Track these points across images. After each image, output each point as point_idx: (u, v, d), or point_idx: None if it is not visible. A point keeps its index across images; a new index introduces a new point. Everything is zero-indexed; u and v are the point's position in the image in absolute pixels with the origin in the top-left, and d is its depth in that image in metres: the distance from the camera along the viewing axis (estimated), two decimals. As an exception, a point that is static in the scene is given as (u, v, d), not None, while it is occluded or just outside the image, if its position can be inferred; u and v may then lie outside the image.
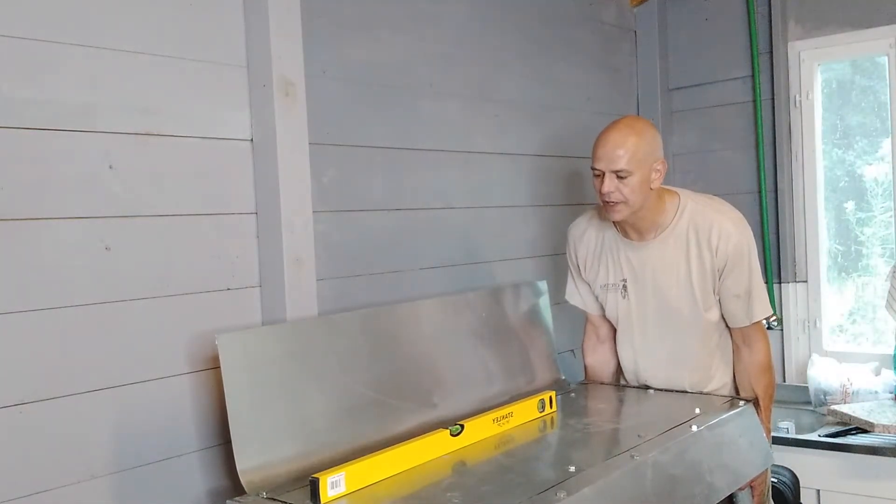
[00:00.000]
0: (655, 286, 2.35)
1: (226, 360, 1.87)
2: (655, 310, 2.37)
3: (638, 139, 2.18)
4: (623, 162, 2.17)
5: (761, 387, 2.33)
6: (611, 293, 2.45)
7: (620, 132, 2.20)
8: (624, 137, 2.18)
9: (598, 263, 2.47)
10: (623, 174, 2.17)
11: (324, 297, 2.29)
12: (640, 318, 2.41)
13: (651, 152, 2.21)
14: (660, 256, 2.32)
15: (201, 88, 2.10)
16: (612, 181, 2.19)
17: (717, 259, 2.26)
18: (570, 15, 3.36)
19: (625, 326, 2.46)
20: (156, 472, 1.99)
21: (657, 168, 2.23)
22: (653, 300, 2.36)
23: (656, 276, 2.34)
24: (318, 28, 2.34)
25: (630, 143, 2.18)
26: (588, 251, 2.49)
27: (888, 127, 3.27)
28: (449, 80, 2.79)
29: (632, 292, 2.40)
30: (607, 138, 2.21)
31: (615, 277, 2.43)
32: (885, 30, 3.20)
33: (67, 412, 1.85)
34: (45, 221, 1.82)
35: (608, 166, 2.18)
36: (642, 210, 2.25)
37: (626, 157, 2.17)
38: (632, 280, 2.39)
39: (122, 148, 1.95)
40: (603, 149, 2.20)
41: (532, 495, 1.68)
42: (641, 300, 2.38)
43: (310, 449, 1.98)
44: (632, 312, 2.41)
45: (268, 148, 2.17)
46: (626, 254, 2.39)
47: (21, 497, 1.77)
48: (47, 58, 1.83)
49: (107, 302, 1.92)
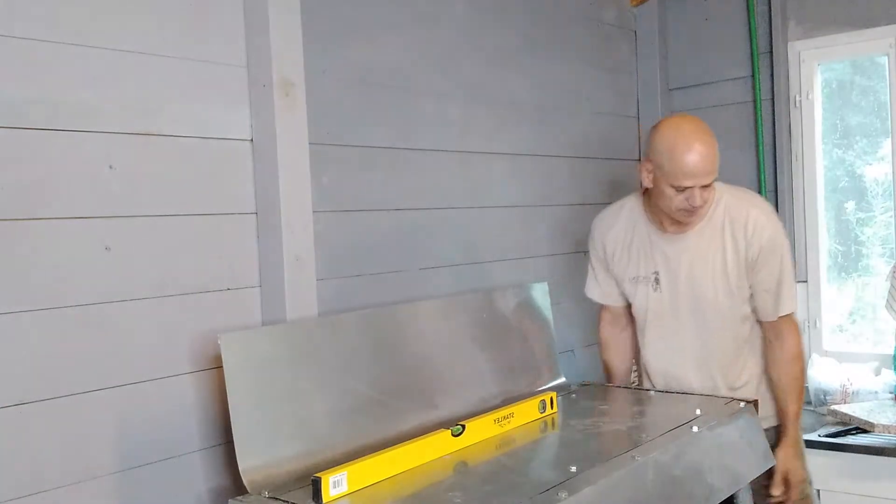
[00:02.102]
0: (690, 277, 2.32)
1: (228, 360, 1.87)
2: (689, 301, 2.34)
3: (716, 143, 2.17)
4: (713, 172, 2.16)
5: (790, 376, 2.33)
6: (641, 286, 2.41)
7: (705, 143, 2.15)
8: (710, 147, 2.15)
9: (627, 256, 2.43)
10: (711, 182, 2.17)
11: (324, 297, 2.29)
12: (672, 310, 2.37)
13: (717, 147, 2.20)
14: (696, 247, 2.30)
15: (201, 88, 2.10)
16: (702, 193, 2.17)
17: (751, 251, 2.24)
18: (570, 15, 3.36)
19: (655, 319, 2.42)
20: (157, 471, 1.99)
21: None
22: (687, 292, 2.33)
23: (692, 266, 2.31)
24: (318, 28, 2.34)
25: (715, 151, 2.16)
26: (617, 244, 2.45)
27: (888, 127, 3.27)
28: (449, 80, 2.79)
29: (665, 284, 2.36)
30: (695, 152, 2.13)
31: (646, 270, 2.39)
32: (885, 30, 3.20)
33: (67, 412, 1.85)
34: (45, 221, 1.82)
35: (701, 182, 2.15)
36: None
37: (715, 167, 2.15)
38: (665, 272, 2.36)
39: (122, 148, 1.95)
40: (694, 166, 2.13)
41: (533, 495, 1.68)
42: (675, 292, 2.35)
43: (311, 448, 1.97)
44: (664, 305, 2.38)
45: (268, 148, 2.17)
46: (660, 245, 2.36)
47: (21, 497, 1.77)
48: (47, 58, 1.82)
49: (107, 302, 1.92)
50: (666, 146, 2.17)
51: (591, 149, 3.43)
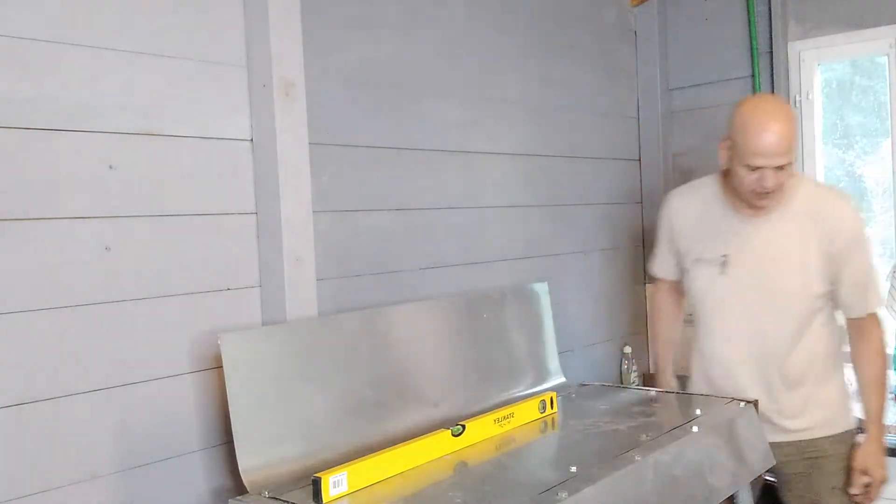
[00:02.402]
0: (763, 264, 2.24)
1: (228, 360, 1.87)
2: (758, 289, 2.25)
3: (793, 126, 2.10)
4: (789, 154, 2.08)
5: (873, 372, 2.28)
6: (703, 268, 2.33)
7: (780, 123, 2.08)
8: (786, 129, 2.08)
9: (695, 235, 2.36)
10: (784, 164, 2.09)
11: (324, 297, 2.29)
12: (737, 297, 2.28)
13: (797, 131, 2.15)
14: (773, 233, 2.23)
15: (201, 88, 2.10)
16: (774, 175, 2.10)
17: (836, 244, 2.18)
18: (570, 15, 3.36)
19: (715, 306, 2.34)
20: (157, 471, 1.99)
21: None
22: (758, 278, 2.25)
23: (767, 253, 2.24)
24: (318, 28, 2.34)
25: (791, 133, 2.08)
26: (686, 221, 2.39)
27: (888, 127, 3.27)
28: (449, 80, 2.79)
29: (733, 268, 2.27)
30: (769, 131, 2.07)
31: (713, 252, 2.31)
32: (885, 30, 3.20)
33: (67, 412, 1.84)
34: (45, 221, 1.82)
35: (772, 162, 2.08)
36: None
37: (789, 149, 2.08)
38: (736, 255, 2.27)
39: (122, 148, 1.95)
40: (767, 145, 2.07)
41: (533, 495, 1.68)
42: (743, 277, 2.27)
43: (311, 448, 1.98)
44: (728, 290, 2.29)
45: (268, 148, 2.17)
46: (734, 228, 2.28)
47: (21, 497, 1.77)
48: (47, 58, 1.82)
49: (107, 302, 1.92)
50: (741, 123, 2.13)
51: (591, 149, 3.43)
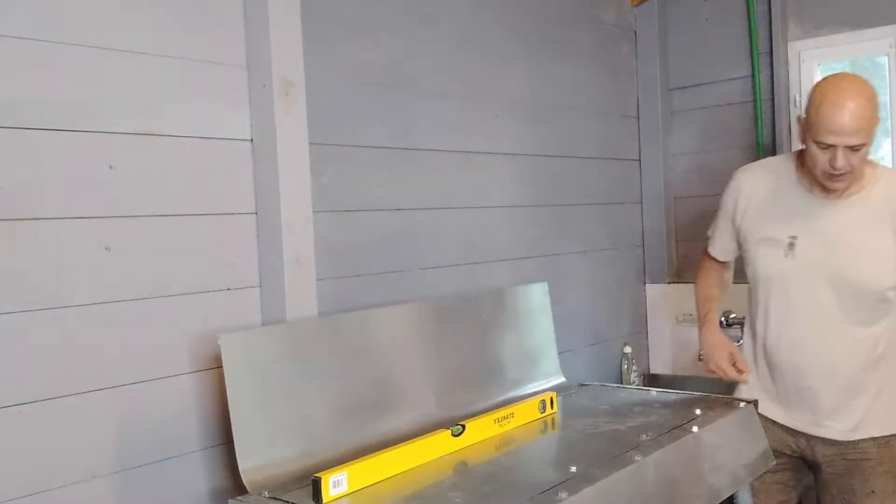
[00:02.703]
0: (834, 248, 2.14)
1: (228, 360, 1.87)
2: (826, 275, 2.15)
3: (872, 106, 2.01)
4: (861, 135, 1.99)
5: None
6: (770, 248, 2.23)
7: (856, 101, 2.00)
8: (861, 108, 1.99)
9: (762, 214, 2.27)
10: (860, 147, 2.00)
11: (324, 297, 2.29)
12: (804, 281, 2.18)
13: (878, 117, 2.04)
14: (848, 217, 2.14)
15: (201, 88, 2.10)
16: (846, 156, 2.01)
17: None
18: (570, 15, 3.36)
19: (779, 288, 2.23)
20: (157, 471, 1.99)
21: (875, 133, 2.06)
22: (826, 264, 2.15)
23: (840, 236, 2.14)
24: (318, 28, 2.34)
25: (867, 113, 2.00)
26: (754, 198, 2.30)
27: (888, 127, 3.27)
28: (449, 80, 2.79)
29: (801, 250, 2.18)
30: (843, 108, 1.99)
31: (781, 232, 2.21)
32: (885, 30, 3.20)
33: (67, 412, 1.84)
34: (45, 221, 1.82)
35: (844, 141, 1.99)
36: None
37: (864, 130, 1.99)
38: (805, 238, 2.18)
39: (122, 148, 1.95)
40: (839, 122, 1.99)
41: (533, 495, 1.68)
42: (810, 261, 2.17)
43: (311, 448, 1.98)
44: (794, 274, 2.19)
45: (268, 148, 2.17)
46: (805, 208, 2.19)
47: (21, 497, 1.77)
48: (47, 58, 1.82)
49: (107, 302, 1.92)
50: (818, 100, 2.07)
51: (591, 149, 3.43)
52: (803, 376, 2.25)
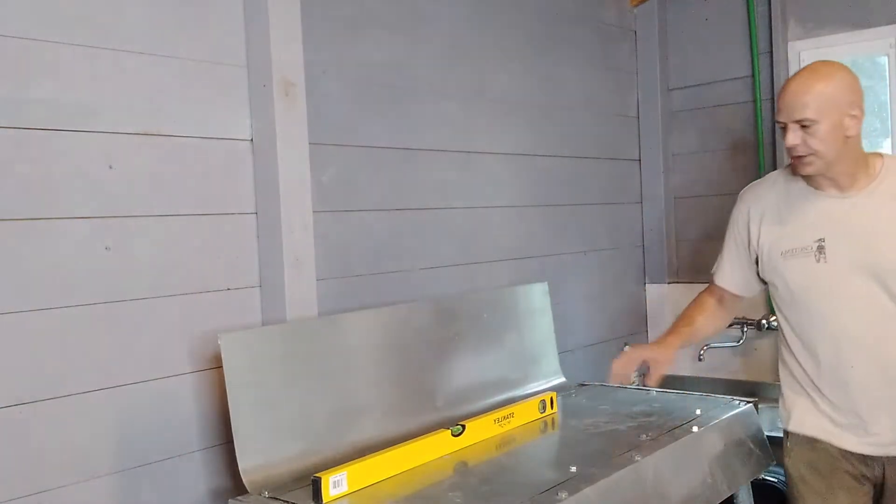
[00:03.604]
0: (866, 242, 2.01)
1: (228, 360, 1.87)
2: (868, 269, 2.01)
3: (825, 84, 1.96)
4: (806, 110, 1.94)
5: None
6: (798, 259, 2.08)
7: (803, 78, 2.00)
8: (806, 84, 1.97)
9: (780, 227, 2.13)
10: (807, 123, 1.95)
11: (324, 297, 2.29)
12: (843, 283, 2.03)
13: (841, 97, 1.95)
14: (871, 208, 2.03)
15: (201, 88, 2.10)
16: (795, 133, 1.97)
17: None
18: (570, 15, 3.36)
19: (819, 295, 2.06)
20: (157, 471, 1.99)
21: (852, 114, 1.96)
22: (863, 260, 2.01)
23: (868, 230, 2.02)
24: (318, 28, 2.34)
25: (814, 89, 1.95)
26: (765, 214, 2.16)
27: (888, 127, 3.27)
28: (449, 80, 2.79)
29: (833, 252, 2.03)
30: (789, 86, 2.01)
31: (806, 238, 2.07)
32: (885, 30, 3.20)
33: (67, 412, 1.84)
34: (45, 221, 1.82)
35: (790, 116, 1.97)
36: (840, 163, 2.00)
37: (809, 105, 1.94)
38: (833, 238, 2.04)
39: (122, 148, 1.95)
40: (784, 98, 2.00)
41: (533, 495, 1.68)
42: (845, 261, 2.02)
43: (311, 448, 1.98)
44: (831, 277, 2.04)
45: (268, 148, 2.17)
46: (825, 208, 2.07)
47: (21, 497, 1.77)
48: (47, 58, 1.82)
49: (107, 302, 1.92)
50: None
51: (591, 149, 3.43)
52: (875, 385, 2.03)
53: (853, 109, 1.96)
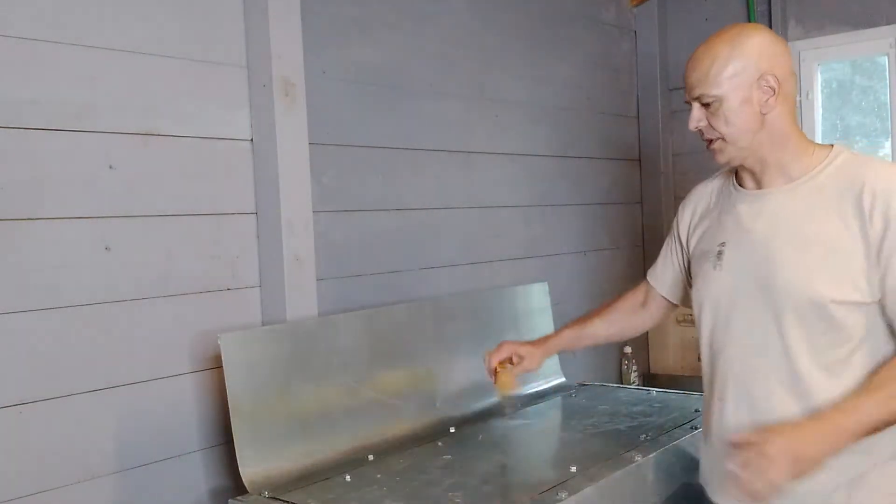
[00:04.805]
0: (766, 253, 1.56)
1: (228, 360, 1.87)
2: (759, 293, 1.56)
3: (729, 49, 1.55)
4: (705, 84, 1.56)
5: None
6: (701, 265, 1.69)
7: (705, 45, 1.60)
8: (706, 52, 1.58)
9: (701, 225, 1.77)
10: (707, 100, 1.57)
11: (324, 297, 2.29)
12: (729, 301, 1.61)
13: (751, 64, 1.54)
14: (780, 212, 1.57)
15: (201, 88, 2.10)
16: (698, 111, 1.60)
17: (874, 228, 1.46)
18: (570, 15, 3.36)
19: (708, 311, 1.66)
20: (157, 471, 1.99)
21: (767, 84, 1.54)
22: (755, 273, 1.57)
23: (771, 238, 1.56)
24: (318, 28, 2.34)
25: (715, 57, 1.56)
26: (696, 210, 1.82)
27: (888, 127, 3.27)
28: (449, 80, 2.79)
29: (729, 260, 1.62)
30: (690, 58, 1.63)
31: (714, 241, 1.68)
32: (885, 30, 3.20)
33: (67, 412, 1.84)
34: (45, 221, 1.82)
35: (689, 93, 1.61)
36: (760, 149, 1.58)
37: (708, 78, 1.56)
38: (733, 242, 1.63)
39: (122, 148, 1.95)
40: (685, 71, 1.63)
41: (534, 495, 1.68)
42: (739, 273, 1.60)
43: (311, 448, 1.98)
44: (722, 290, 1.63)
45: (268, 148, 2.17)
46: (737, 206, 1.66)
47: (21, 497, 1.77)
48: (47, 58, 1.82)
49: (107, 302, 1.92)
50: None
51: (591, 149, 3.43)
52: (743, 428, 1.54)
53: (769, 79, 1.54)
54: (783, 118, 1.57)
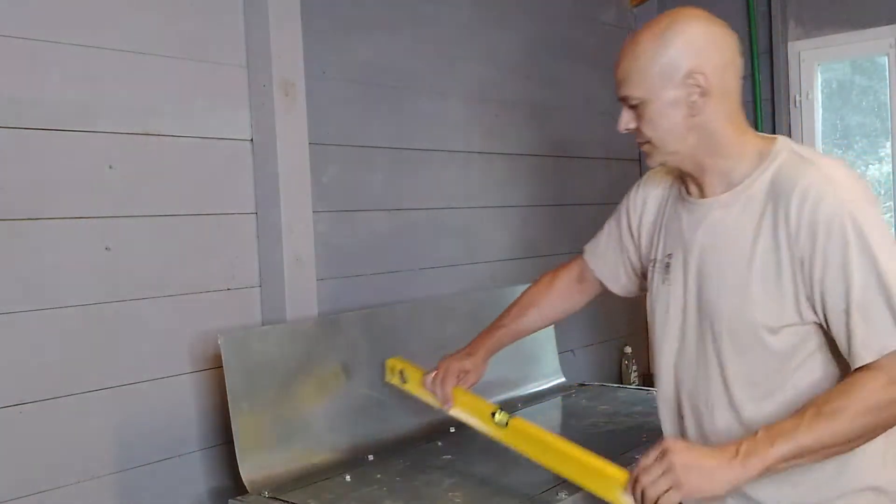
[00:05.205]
0: (701, 270, 1.46)
1: (228, 360, 1.87)
2: (697, 313, 1.47)
3: (652, 45, 1.39)
4: (627, 85, 1.43)
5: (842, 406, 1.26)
6: (654, 275, 1.58)
7: (630, 41, 1.44)
8: (630, 49, 1.43)
9: (653, 229, 1.63)
10: (633, 101, 1.44)
11: (324, 297, 2.29)
12: (674, 320, 1.51)
13: (674, 63, 1.38)
14: (720, 224, 1.43)
15: (201, 88, 2.10)
16: (626, 112, 1.48)
17: (800, 239, 1.32)
18: (570, 15, 3.36)
19: (655, 326, 1.57)
20: (157, 471, 1.99)
21: (695, 84, 1.37)
22: (694, 291, 1.47)
23: (706, 253, 1.45)
24: (318, 28, 2.34)
25: (636, 55, 1.41)
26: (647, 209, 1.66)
27: (888, 127, 3.27)
28: (449, 80, 2.79)
29: (675, 275, 1.51)
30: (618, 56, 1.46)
31: (662, 251, 1.57)
32: (885, 30, 3.20)
33: (67, 412, 1.84)
34: (45, 221, 1.82)
35: (619, 91, 1.47)
36: (693, 152, 1.43)
37: (630, 78, 1.42)
38: (678, 257, 1.51)
39: (122, 148, 1.95)
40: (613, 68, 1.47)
41: (533, 495, 1.68)
42: (683, 291, 1.49)
43: (311, 448, 1.98)
44: (667, 306, 1.52)
45: (268, 148, 2.17)
46: (682, 215, 1.53)
47: (21, 497, 1.77)
48: (47, 58, 1.82)
49: (107, 302, 1.92)
50: None
51: (590, 148, 3.43)
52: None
53: (696, 78, 1.37)
54: (718, 119, 1.41)
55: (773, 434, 1.27)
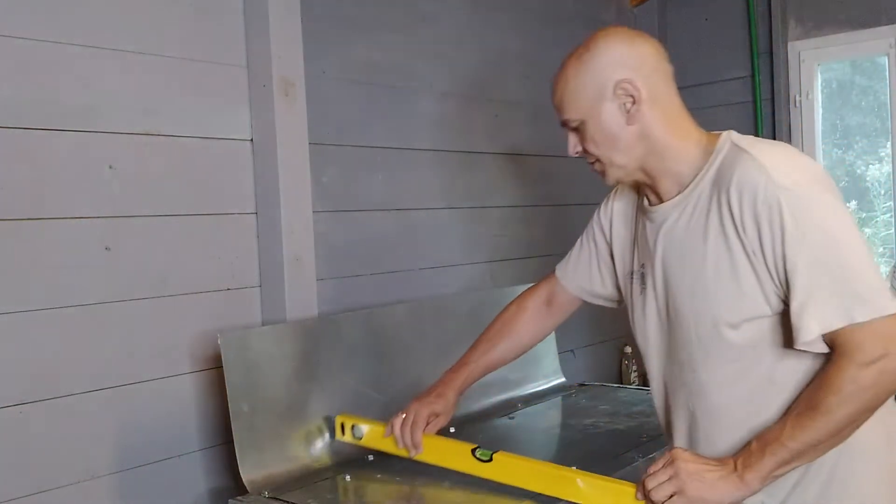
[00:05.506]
0: (666, 278, 1.47)
1: (228, 360, 1.87)
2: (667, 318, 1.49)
3: (574, 68, 1.44)
4: (563, 110, 1.47)
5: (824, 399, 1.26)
6: (631, 287, 1.60)
7: (561, 67, 1.48)
8: (559, 73, 1.47)
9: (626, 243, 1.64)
10: (573, 124, 1.47)
11: (324, 297, 2.29)
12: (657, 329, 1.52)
13: (600, 78, 1.41)
14: (675, 226, 1.44)
15: (201, 88, 2.10)
16: (572, 137, 1.49)
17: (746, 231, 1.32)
18: (570, 15, 3.36)
19: (639, 336, 1.58)
20: (157, 471, 1.99)
21: (626, 93, 1.40)
22: (664, 297, 1.49)
23: (667, 259, 1.47)
24: (318, 28, 2.34)
25: (564, 78, 1.46)
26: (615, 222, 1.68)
27: (888, 127, 3.27)
28: (449, 80, 2.79)
29: (650, 285, 1.52)
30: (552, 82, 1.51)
31: (635, 261, 1.59)
32: (885, 30, 3.20)
33: (67, 412, 1.84)
34: (45, 221, 1.82)
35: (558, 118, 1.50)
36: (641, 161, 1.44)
37: (564, 101, 1.46)
38: (647, 265, 1.53)
39: (122, 148, 1.95)
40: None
41: (534, 495, 1.68)
42: (661, 300, 1.50)
43: (311, 448, 1.98)
44: (648, 314, 1.53)
45: (268, 148, 2.17)
46: (645, 223, 1.53)
47: (21, 497, 1.77)
48: (47, 58, 1.82)
49: (107, 302, 1.92)
50: None
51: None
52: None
53: (626, 87, 1.40)
54: (656, 125, 1.42)
55: (763, 443, 1.30)
